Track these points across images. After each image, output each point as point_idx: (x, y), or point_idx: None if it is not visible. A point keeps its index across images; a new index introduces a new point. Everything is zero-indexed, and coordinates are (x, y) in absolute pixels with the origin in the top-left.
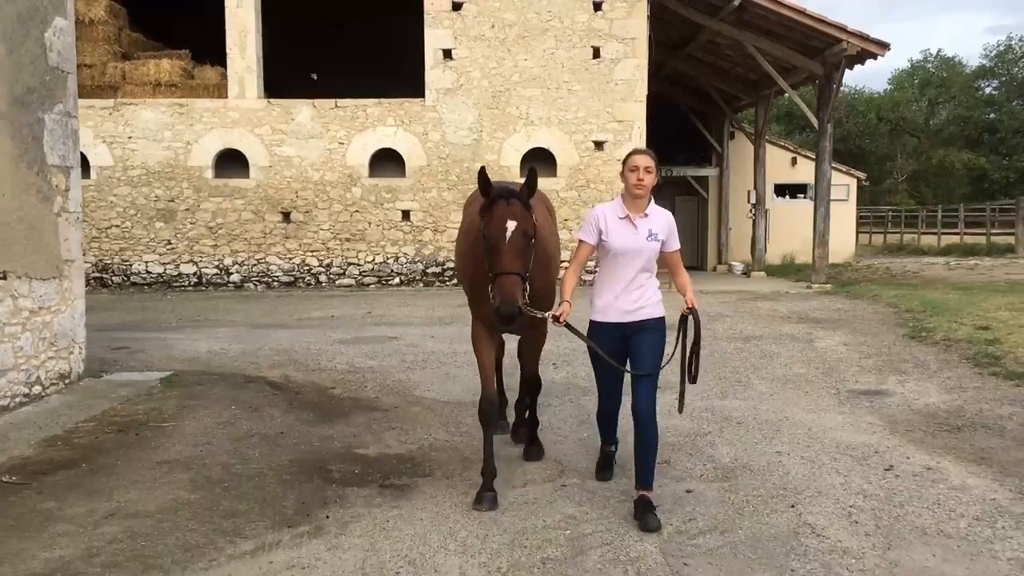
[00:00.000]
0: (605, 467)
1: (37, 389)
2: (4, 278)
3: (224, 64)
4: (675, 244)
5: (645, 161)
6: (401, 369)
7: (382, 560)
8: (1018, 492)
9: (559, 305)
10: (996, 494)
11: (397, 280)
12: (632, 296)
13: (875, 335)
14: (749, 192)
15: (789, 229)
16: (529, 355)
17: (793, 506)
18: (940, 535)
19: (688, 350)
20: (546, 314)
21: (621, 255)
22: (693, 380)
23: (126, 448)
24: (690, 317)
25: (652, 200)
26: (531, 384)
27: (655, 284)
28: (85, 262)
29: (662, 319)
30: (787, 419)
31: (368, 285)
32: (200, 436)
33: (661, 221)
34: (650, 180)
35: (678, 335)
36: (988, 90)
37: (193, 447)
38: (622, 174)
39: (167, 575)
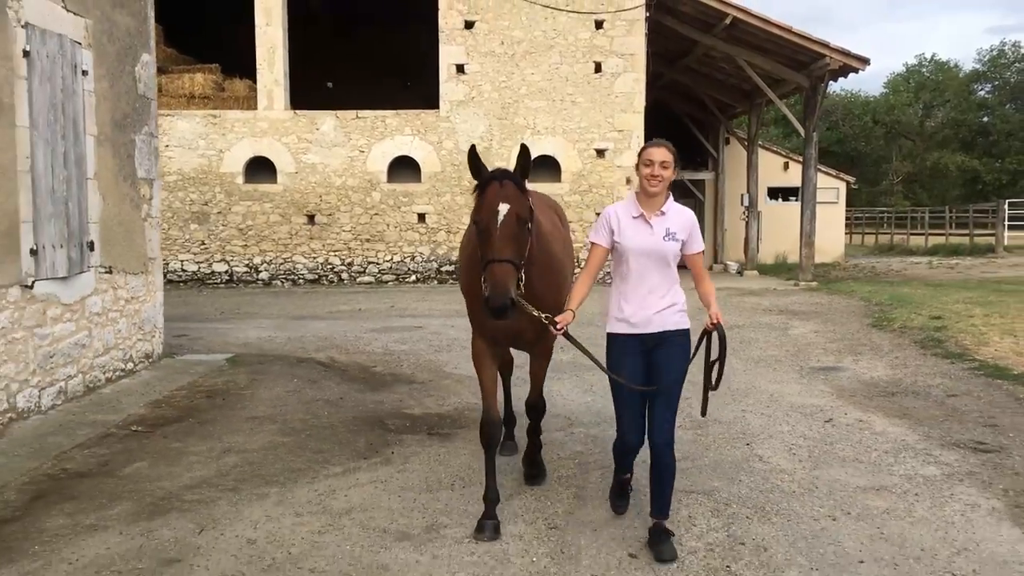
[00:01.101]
0: (620, 496)
1: (130, 366)
2: (110, 272)
3: (251, 77)
4: (697, 245)
5: (661, 155)
6: (429, 352)
7: (439, 478)
8: (923, 436)
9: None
10: (907, 437)
11: (413, 278)
12: (653, 304)
13: (843, 324)
14: (742, 195)
15: (782, 230)
16: (533, 373)
17: (748, 444)
18: (855, 461)
19: (711, 363)
20: (544, 315)
21: (636, 257)
22: (715, 387)
23: (218, 408)
24: (714, 334)
25: (670, 197)
26: (532, 408)
27: (679, 291)
28: None
29: (687, 332)
30: (755, 388)
31: (387, 282)
32: (275, 400)
33: (680, 220)
34: (668, 175)
35: (696, 350)
36: (981, 94)
37: (272, 408)
38: (636, 167)
39: (283, 487)
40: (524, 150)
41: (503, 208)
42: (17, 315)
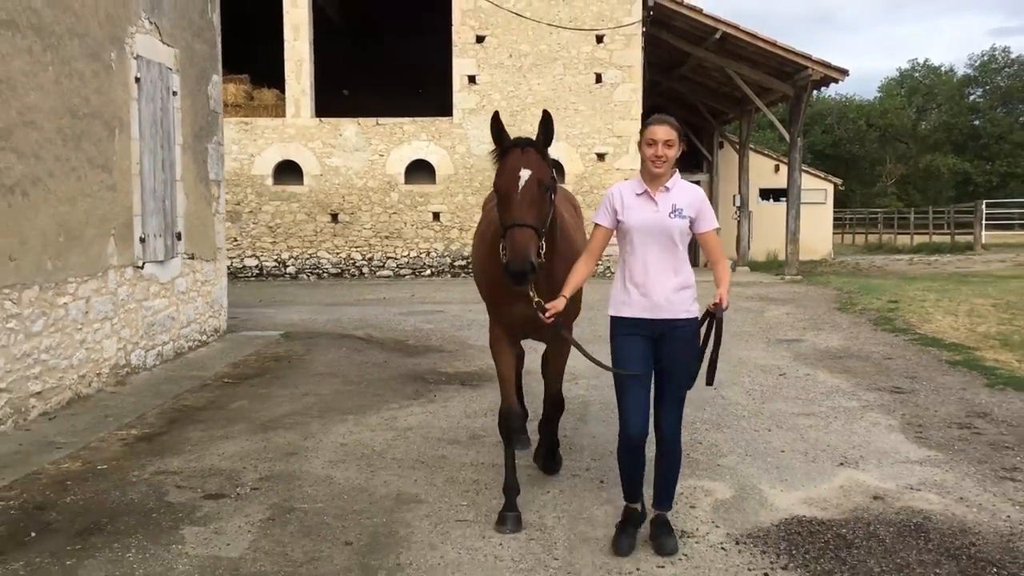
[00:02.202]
0: (625, 533)
1: (204, 337)
2: (192, 258)
3: (278, 86)
4: (709, 223)
5: (665, 133)
6: (452, 329)
7: (475, 410)
8: (855, 384)
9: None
10: (841, 385)
11: (429, 272)
12: (661, 286)
13: (813, 308)
14: (734, 196)
15: (773, 229)
16: (553, 366)
17: (716, 389)
18: (796, 399)
19: (703, 352)
20: (536, 299)
21: (642, 235)
22: (709, 382)
23: (286, 368)
24: (714, 318)
25: (676, 173)
26: (554, 402)
27: (688, 272)
28: None
29: (696, 320)
30: (727, 354)
31: (404, 276)
32: (331, 363)
33: (687, 196)
34: (672, 155)
35: (702, 334)
36: (973, 98)
37: (330, 368)
38: (639, 146)
39: (357, 415)
40: (547, 117)
41: (525, 173)
42: (131, 290)
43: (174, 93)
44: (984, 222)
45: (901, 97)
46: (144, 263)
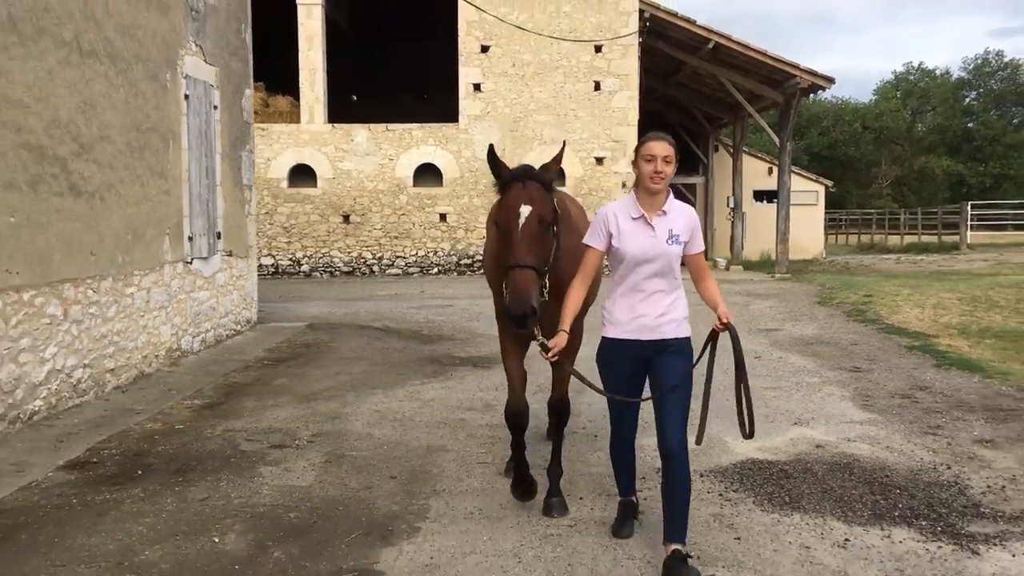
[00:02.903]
0: (624, 521)
1: (239, 327)
2: (229, 255)
3: (291, 94)
4: (699, 245)
5: (663, 149)
6: (462, 321)
7: (487, 385)
8: (820, 365)
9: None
10: (807, 365)
11: (436, 270)
12: (653, 309)
13: (794, 302)
14: (728, 197)
15: (766, 229)
16: (556, 374)
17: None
18: (766, 376)
19: (736, 380)
20: (538, 339)
21: (638, 263)
22: (750, 432)
23: (316, 353)
24: (726, 334)
25: (671, 194)
26: (556, 407)
27: (681, 295)
28: None
29: (688, 340)
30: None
31: (412, 274)
32: (355, 349)
33: (683, 220)
34: (670, 171)
35: (701, 354)
36: (967, 101)
37: (355, 353)
38: (635, 163)
39: (385, 390)
40: (562, 149)
41: (525, 210)
42: (181, 283)
43: (215, 107)
44: (970, 223)
45: (896, 100)
46: (192, 259)
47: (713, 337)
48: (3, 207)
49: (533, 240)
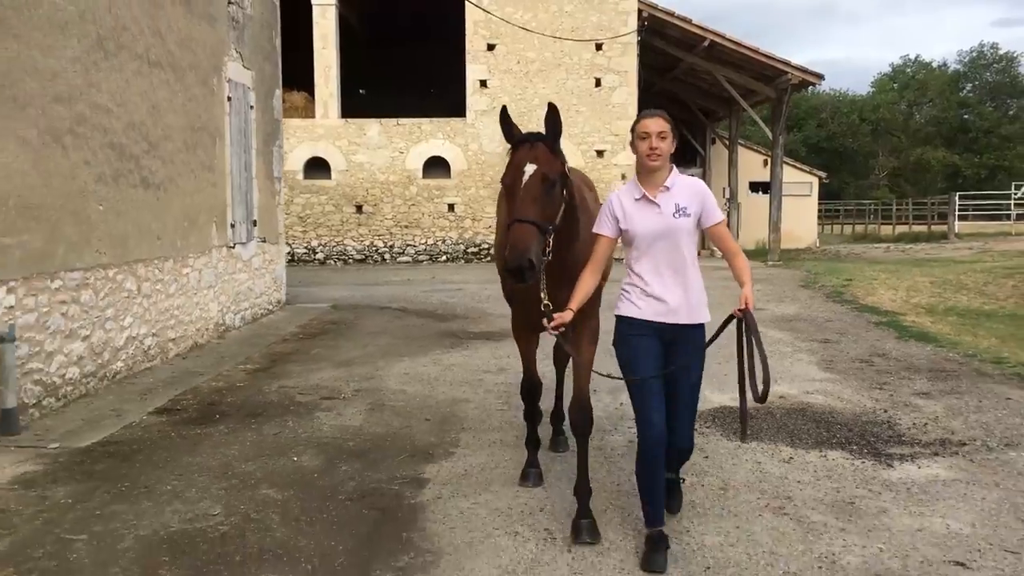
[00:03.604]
0: (656, 551)
1: (270, 307)
2: (263, 241)
3: (306, 90)
4: (715, 216)
5: (657, 125)
6: (473, 302)
7: (499, 354)
8: (795, 338)
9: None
10: (784, 338)
11: (444, 257)
12: (671, 290)
13: (781, 286)
14: (724, 188)
15: (762, 219)
16: (574, 364)
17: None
18: None
19: (745, 358)
20: (545, 302)
21: (647, 241)
22: (763, 399)
23: (343, 329)
24: (743, 322)
25: (674, 170)
26: (578, 410)
27: (697, 275)
28: None
29: (703, 327)
30: None
31: (422, 261)
32: (378, 326)
33: (688, 192)
34: (666, 147)
35: (715, 336)
36: (963, 93)
37: (379, 328)
38: (632, 144)
39: (410, 357)
40: (552, 109)
41: (529, 168)
42: (225, 265)
43: (251, 107)
44: (957, 213)
45: (893, 92)
46: (234, 244)
47: (731, 319)
48: (95, 197)
49: (536, 197)
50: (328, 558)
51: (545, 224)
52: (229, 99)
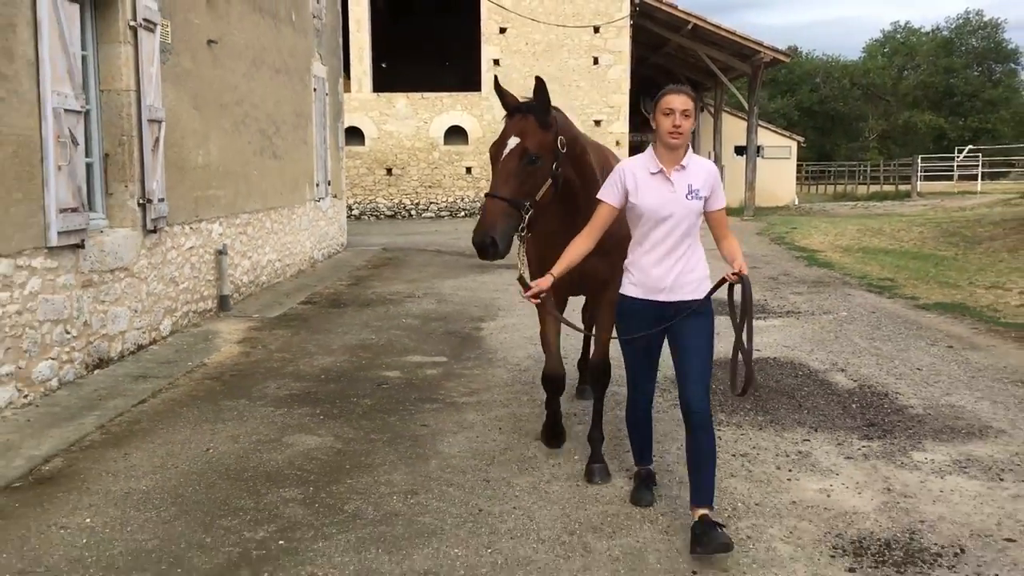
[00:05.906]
0: (642, 489)
1: (338, 248)
2: (334, 197)
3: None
4: (720, 201)
5: (682, 103)
6: None
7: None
8: None
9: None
10: (723, 267)
11: (463, 214)
12: (672, 269)
13: (741, 233)
14: (709, 152)
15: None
16: (598, 324)
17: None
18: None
19: (736, 322)
20: (520, 275)
21: (657, 219)
22: (743, 390)
23: (398, 263)
24: (736, 287)
25: (690, 149)
26: (595, 370)
27: (700, 254)
28: None
29: (708, 300)
30: None
31: (443, 217)
32: (424, 260)
33: (702, 174)
34: (688, 125)
35: (710, 293)
36: (949, 58)
37: (425, 262)
38: (653, 119)
39: (455, 278)
40: (539, 83)
41: (512, 142)
42: (313, 215)
43: (326, 94)
44: (921, 174)
45: (884, 57)
46: (318, 199)
47: (729, 288)
48: (252, 166)
49: (513, 173)
50: (442, 351)
51: (521, 200)
52: (314, 90)
